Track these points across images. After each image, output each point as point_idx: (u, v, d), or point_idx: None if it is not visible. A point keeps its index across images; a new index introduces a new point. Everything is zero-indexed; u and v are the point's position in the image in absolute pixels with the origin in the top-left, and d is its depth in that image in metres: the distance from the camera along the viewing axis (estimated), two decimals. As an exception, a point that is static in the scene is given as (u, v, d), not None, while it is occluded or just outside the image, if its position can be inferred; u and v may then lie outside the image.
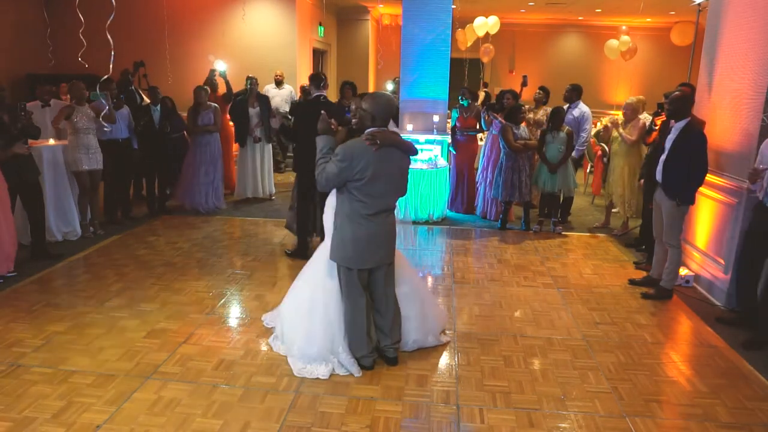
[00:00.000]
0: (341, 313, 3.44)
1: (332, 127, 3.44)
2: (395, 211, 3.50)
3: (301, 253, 5.55)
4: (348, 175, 3.16)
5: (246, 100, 7.49)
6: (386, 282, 3.47)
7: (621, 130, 6.15)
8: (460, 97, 7.15)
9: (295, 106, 5.77)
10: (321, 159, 3.28)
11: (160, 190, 7.08)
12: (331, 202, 3.48)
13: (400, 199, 3.50)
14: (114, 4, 5.39)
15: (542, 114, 7.31)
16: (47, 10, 9.19)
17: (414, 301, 3.67)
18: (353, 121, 3.48)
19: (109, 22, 5.40)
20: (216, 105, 7.11)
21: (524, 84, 7.34)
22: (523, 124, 6.59)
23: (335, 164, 3.17)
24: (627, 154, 6.21)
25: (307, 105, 5.40)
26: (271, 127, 7.77)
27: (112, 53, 5.53)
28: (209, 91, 7.15)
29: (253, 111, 7.51)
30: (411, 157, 3.46)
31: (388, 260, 3.45)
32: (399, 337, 3.57)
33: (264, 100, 7.71)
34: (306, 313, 3.49)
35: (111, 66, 5.80)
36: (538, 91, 7.50)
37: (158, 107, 6.83)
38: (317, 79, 5.35)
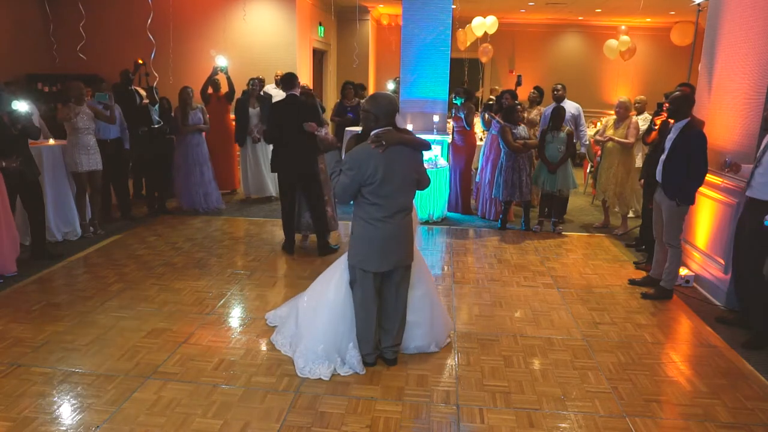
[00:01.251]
0: (352, 315, 3.43)
1: (334, 143, 3.43)
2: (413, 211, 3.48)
3: (288, 248, 5.64)
4: (360, 181, 3.16)
5: (247, 101, 7.50)
6: (401, 285, 3.44)
7: (617, 138, 6.17)
8: (454, 96, 7.18)
9: (270, 106, 5.78)
10: (333, 174, 3.28)
11: (161, 190, 7.08)
12: None
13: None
14: (151, 3, 5.41)
15: (536, 113, 7.36)
16: (50, 7, 9.17)
17: (425, 307, 3.65)
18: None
19: (149, 21, 5.42)
20: (202, 105, 7.13)
21: (518, 83, 7.37)
22: (520, 125, 6.59)
23: (345, 174, 3.18)
24: (621, 152, 6.24)
25: (281, 104, 5.46)
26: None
27: (153, 51, 5.55)
28: (193, 91, 7.13)
29: (253, 111, 7.53)
30: (426, 150, 3.45)
31: (406, 263, 3.43)
32: (401, 341, 3.56)
33: (264, 101, 7.72)
34: (321, 311, 3.48)
35: (151, 67, 5.83)
36: (532, 90, 7.56)
37: (156, 107, 6.83)
38: (289, 79, 5.44)
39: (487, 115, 6.93)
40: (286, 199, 5.56)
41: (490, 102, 8.11)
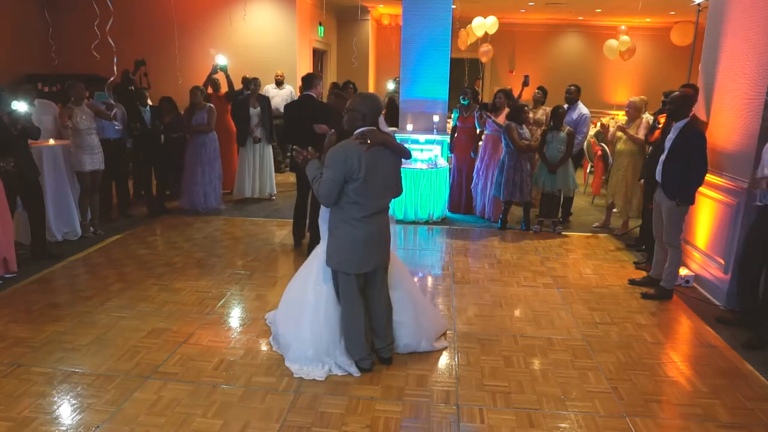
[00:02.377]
0: (335, 316, 3.43)
1: (310, 156, 3.37)
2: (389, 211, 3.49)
3: (295, 242, 5.80)
4: (345, 176, 3.13)
5: (247, 101, 7.51)
6: (382, 284, 3.46)
7: (630, 132, 6.12)
8: (461, 97, 7.17)
9: (285, 107, 5.95)
10: (315, 179, 3.24)
11: (158, 190, 7.07)
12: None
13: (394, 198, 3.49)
14: (112, 8, 5.45)
15: (541, 114, 7.34)
16: (48, 10, 9.18)
17: (407, 306, 3.64)
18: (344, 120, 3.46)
19: (108, 26, 5.45)
20: (211, 105, 7.10)
21: (525, 84, 7.34)
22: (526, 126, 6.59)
23: (329, 169, 3.14)
24: (632, 153, 6.17)
25: (296, 104, 5.60)
26: (272, 127, 7.81)
27: (115, 58, 5.59)
28: (204, 91, 7.12)
29: (254, 111, 7.52)
30: (406, 159, 3.45)
31: (385, 263, 3.45)
32: (393, 339, 3.56)
33: (265, 101, 7.74)
34: (299, 316, 3.48)
35: (115, 68, 5.88)
36: (536, 91, 7.55)
37: (147, 108, 6.80)
38: (306, 79, 5.55)
39: (484, 115, 6.92)
40: (300, 196, 5.68)
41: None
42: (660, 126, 5.46)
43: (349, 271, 3.31)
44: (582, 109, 7.08)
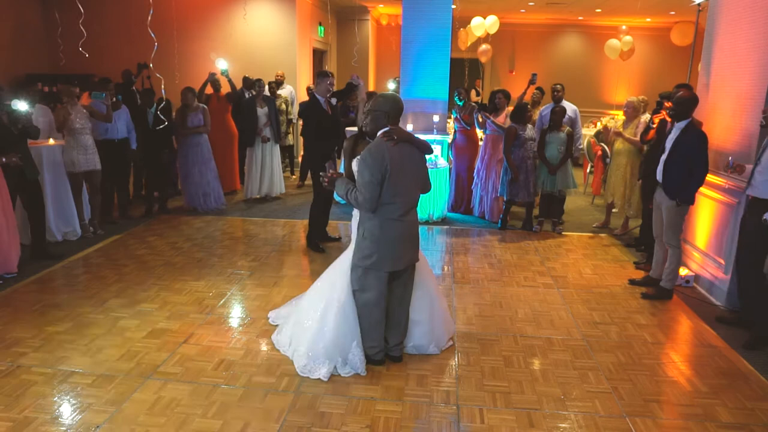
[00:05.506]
0: (355, 315, 3.43)
1: (335, 175, 3.44)
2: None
3: (311, 244, 5.80)
4: (382, 174, 3.15)
5: (254, 101, 7.54)
6: (408, 282, 3.51)
7: (626, 135, 6.12)
8: (456, 98, 7.18)
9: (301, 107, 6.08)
10: (348, 192, 3.27)
11: (157, 190, 7.07)
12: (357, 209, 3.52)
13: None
14: (152, 1, 5.47)
15: None
16: (58, 11, 9.16)
17: (425, 306, 3.66)
18: (364, 122, 3.47)
19: (149, 18, 5.43)
20: (204, 106, 7.12)
21: (532, 81, 7.30)
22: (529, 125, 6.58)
23: (365, 173, 3.16)
24: (630, 153, 6.18)
25: (306, 104, 5.74)
26: (279, 126, 7.86)
27: (155, 45, 5.57)
28: (195, 92, 7.11)
29: (261, 111, 7.56)
30: (428, 154, 3.51)
31: (415, 260, 3.50)
32: (404, 337, 3.58)
33: (271, 102, 7.77)
34: (323, 312, 3.48)
35: (151, 58, 5.81)
36: (535, 91, 7.58)
37: (152, 109, 6.80)
38: (317, 75, 5.71)
39: (481, 116, 6.92)
40: (319, 196, 5.77)
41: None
42: (654, 126, 5.46)
43: (383, 269, 3.33)
44: (571, 105, 7.10)
